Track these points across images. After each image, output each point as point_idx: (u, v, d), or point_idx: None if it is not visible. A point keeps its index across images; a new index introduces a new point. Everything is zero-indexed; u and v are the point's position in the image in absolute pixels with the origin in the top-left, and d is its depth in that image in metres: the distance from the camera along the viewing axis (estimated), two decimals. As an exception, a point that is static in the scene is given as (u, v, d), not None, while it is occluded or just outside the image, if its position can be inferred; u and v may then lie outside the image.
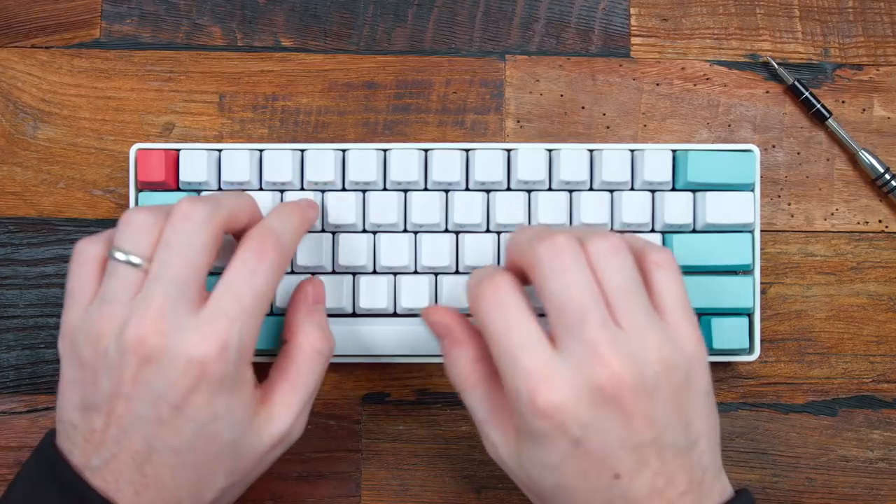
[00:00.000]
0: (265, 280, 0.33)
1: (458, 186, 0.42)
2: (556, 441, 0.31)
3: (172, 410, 0.32)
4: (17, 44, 0.45)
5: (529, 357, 0.31)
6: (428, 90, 0.45)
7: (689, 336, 0.33)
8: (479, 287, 0.33)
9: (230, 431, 0.33)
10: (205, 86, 0.45)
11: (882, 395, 0.45)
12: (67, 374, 0.34)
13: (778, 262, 0.45)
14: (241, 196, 0.36)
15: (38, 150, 0.44)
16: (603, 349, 0.31)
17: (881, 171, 0.44)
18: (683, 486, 0.31)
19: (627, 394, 0.30)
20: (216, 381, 0.32)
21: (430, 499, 0.44)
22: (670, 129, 0.45)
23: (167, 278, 0.32)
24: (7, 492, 0.34)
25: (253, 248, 0.33)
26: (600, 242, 0.33)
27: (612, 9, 0.46)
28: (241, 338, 0.32)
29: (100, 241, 0.34)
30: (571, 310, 0.31)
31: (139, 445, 0.32)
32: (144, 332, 0.31)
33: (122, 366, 0.31)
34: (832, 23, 0.46)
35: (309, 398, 0.36)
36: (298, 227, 0.36)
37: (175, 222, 0.33)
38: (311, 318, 0.37)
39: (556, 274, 0.32)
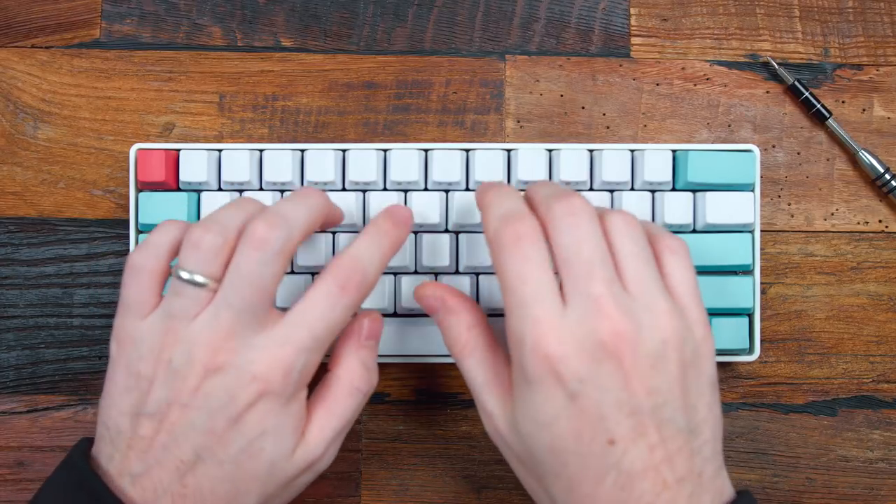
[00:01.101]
0: (341, 315, 0.34)
1: (458, 186, 0.42)
2: (552, 391, 0.31)
3: (228, 422, 0.32)
4: (17, 44, 0.45)
5: (541, 308, 0.31)
6: (428, 90, 0.45)
7: (699, 320, 0.33)
8: (502, 230, 0.33)
9: (273, 449, 0.33)
10: (205, 86, 0.45)
11: (882, 395, 0.45)
12: (119, 380, 0.34)
13: (778, 262, 0.45)
14: (312, 205, 0.35)
15: (38, 150, 0.44)
16: (606, 303, 0.31)
17: (881, 171, 0.44)
18: (682, 471, 0.31)
19: (627, 351, 0.31)
20: (274, 399, 0.33)
21: (430, 499, 0.44)
22: (670, 129, 0.45)
23: (239, 304, 0.32)
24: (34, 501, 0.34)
25: (338, 281, 0.34)
26: (616, 215, 0.33)
27: (612, 9, 0.46)
28: (306, 364, 0.33)
29: (154, 254, 0.35)
30: (579, 264, 0.31)
31: (187, 454, 0.32)
32: (216, 347, 0.32)
33: (186, 376, 0.32)
34: (832, 23, 0.46)
35: (342, 430, 0.36)
36: (387, 255, 0.36)
37: (249, 249, 0.33)
38: (358, 352, 0.37)
39: (569, 228, 0.32)
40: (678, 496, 0.30)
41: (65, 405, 0.44)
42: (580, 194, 0.33)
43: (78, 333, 0.44)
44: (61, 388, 0.44)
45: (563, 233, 0.32)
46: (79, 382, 0.44)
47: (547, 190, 0.34)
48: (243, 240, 0.33)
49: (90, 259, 0.44)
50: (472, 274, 0.42)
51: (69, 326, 0.44)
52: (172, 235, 0.35)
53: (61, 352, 0.44)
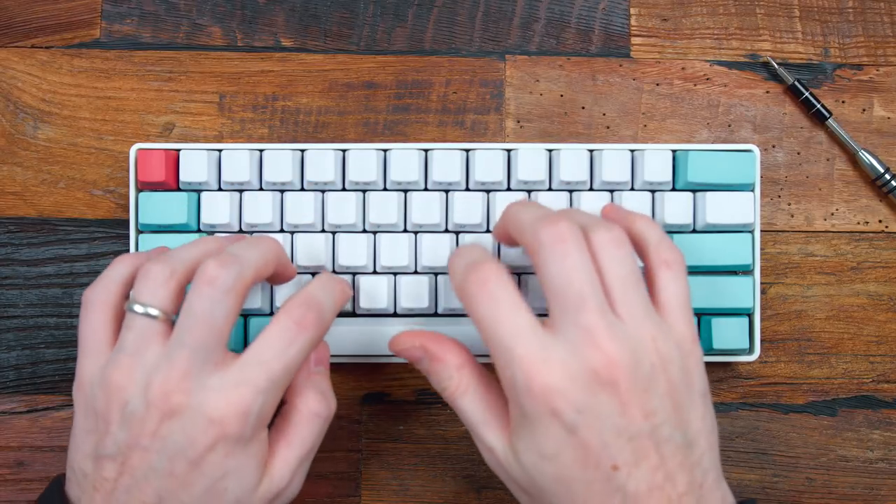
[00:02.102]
0: (298, 354, 0.33)
1: (458, 186, 0.42)
2: (551, 426, 0.31)
3: (188, 465, 0.32)
4: (17, 44, 0.45)
5: (523, 345, 0.31)
6: (428, 90, 0.45)
7: (684, 335, 0.33)
8: (466, 280, 0.33)
9: (236, 487, 0.33)
10: (205, 86, 0.45)
11: (882, 395, 0.45)
12: (80, 422, 0.34)
13: (778, 262, 0.45)
14: (265, 248, 0.35)
15: (38, 150, 0.44)
16: (599, 333, 0.31)
17: (881, 171, 0.44)
18: (683, 486, 0.31)
19: (623, 379, 0.31)
20: (233, 441, 0.32)
21: (430, 499, 0.44)
22: (670, 129, 0.45)
23: (192, 344, 0.32)
24: None
25: (293, 318, 0.33)
26: (603, 233, 0.33)
27: (612, 9, 0.46)
28: (263, 405, 0.33)
29: (107, 288, 0.35)
30: (570, 295, 0.31)
31: (150, 497, 0.32)
32: (169, 390, 0.32)
33: (143, 419, 0.32)
34: (832, 23, 0.46)
35: (306, 457, 0.36)
36: (339, 300, 0.36)
37: (199, 287, 0.33)
38: (310, 380, 0.37)
39: (557, 259, 0.32)
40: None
41: (65, 405, 0.44)
42: (566, 215, 0.33)
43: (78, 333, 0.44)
44: (61, 388, 0.44)
45: (551, 263, 0.32)
46: (79, 382, 0.44)
47: (530, 214, 0.34)
48: (195, 279, 0.33)
49: (90, 259, 0.44)
50: (472, 274, 0.42)
51: (69, 326, 0.44)
52: (125, 270, 0.35)
53: (61, 352, 0.44)
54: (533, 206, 0.35)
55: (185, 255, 0.34)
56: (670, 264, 0.34)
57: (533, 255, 0.33)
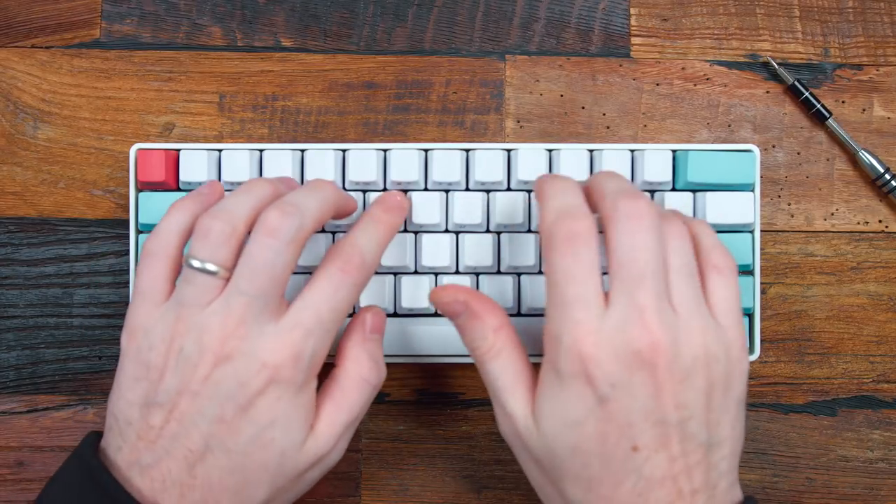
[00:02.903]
0: (345, 297, 0.34)
1: (458, 186, 0.42)
2: (583, 392, 0.31)
3: (237, 410, 0.32)
4: (17, 44, 0.45)
5: (583, 311, 0.31)
6: (428, 90, 0.45)
7: (736, 339, 0.33)
8: (557, 226, 0.33)
9: (283, 439, 0.33)
10: (205, 86, 0.45)
11: (882, 395, 0.45)
12: (130, 370, 0.34)
13: (778, 262, 0.45)
14: (324, 195, 0.36)
15: (38, 150, 0.44)
16: (649, 314, 0.31)
17: (881, 171, 0.44)
18: (698, 483, 0.31)
19: (662, 364, 0.31)
20: (283, 385, 0.33)
21: (430, 499, 0.44)
22: (670, 129, 0.45)
23: (251, 292, 0.33)
24: (43, 495, 0.34)
25: (338, 265, 0.34)
26: (676, 224, 0.34)
27: (612, 9, 0.46)
28: (315, 349, 0.33)
29: (167, 240, 0.35)
30: (633, 269, 0.32)
31: (196, 444, 0.32)
32: (226, 335, 0.32)
33: (196, 364, 0.32)
34: (832, 23, 0.46)
35: (352, 423, 0.36)
36: (384, 239, 0.37)
37: (261, 238, 0.33)
38: (364, 346, 0.37)
39: (630, 232, 0.32)
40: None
41: (65, 405, 0.44)
42: (647, 196, 0.33)
43: (78, 333, 0.44)
44: (61, 388, 0.44)
45: (624, 234, 0.32)
46: (79, 382, 0.44)
47: (614, 184, 0.34)
48: (256, 228, 0.33)
49: (90, 259, 0.44)
50: (472, 274, 0.42)
51: (69, 326, 0.44)
52: (183, 218, 0.36)
53: (61, 352, 0.44)
54: (621, 178, 0.35)
55: (242, 208, 0.34)
56: (721, 269, 0.34)
57: (606, 223, 0.33)
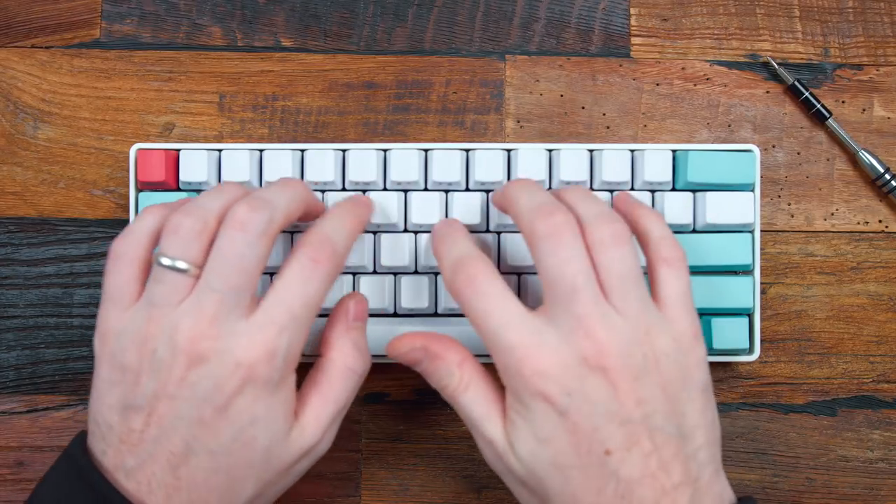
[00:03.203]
0: (317, 289, 0.33)
1: (458, 186, 0.42)
2: (544, 409, 0.31)
3: (215, 411, 0.32)
4: (17, 44, 0.45)
5: (513, 333, 0.32)
6: (428, 90, 0.45)
7: (686, 329, 0.33)
8: (455, 279, 0.34)
9: (265, 436, 0.33)
10: (205, 86, 0.45)
11: (882, 395, 0.45)
12: (105, 374, 0.34)
13: (778, 262, 0.45)
14: (295, 191, 0.36)
15: (38, 150, 0.44)
16: (591, 322, 0.31)
17: (881, 171, 0.44)
18: (678, 476, 0.31)
19: (612, 365, 0.31)
20: (261, 385, 0.32)
21: (430, 499, 0.44)
22: (670, 129, 0.45)
23: (221, 287, 0.32)
24: (34, 495, 0.34)
25: (308, 254, 0.33)
26: (604, 228, 0.33)
27: (612, 9, 0.46)
28: (290, 345, 0.33)
29: (136, 241, 0.35)
30: (563, 285, 0.32)
31: (177, 447, 0.32)
32: (197, 335, 0.32)
33: (171, 366, 0.32)
34: (832, 23, 0.46)
35: (339, 413, 0.36)
36: (353, 231, 0.36)
37: (231, 232, 0.32)
38: (348, 334, 0.37)
39: (552, 249, 0.32)
40: (677, 502, 0.31)
41: (65, 405, 0.44)
42: (563, 209, 0.33)
43: (78, 333, 0.44)
44: (61, 388, 0.44)
45: (547, 255, 0.32)
46: (79, 382, 0.44)
47: (526, 199, 0.34)
48: (225, 223, 0.33)
49: (90, 259, 0.44)
50: (472, 274, 0.42)
51: (69, 326, 0.44)
52: (154, 222, 0.35)
53: (61, 352, 0.44)
54: (534, 191, 0.35)
55: (212, 204, 0.34)
56: (670, 261, 0.34)
57: (528, 244, 0.33)
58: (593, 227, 0.33)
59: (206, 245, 0.33)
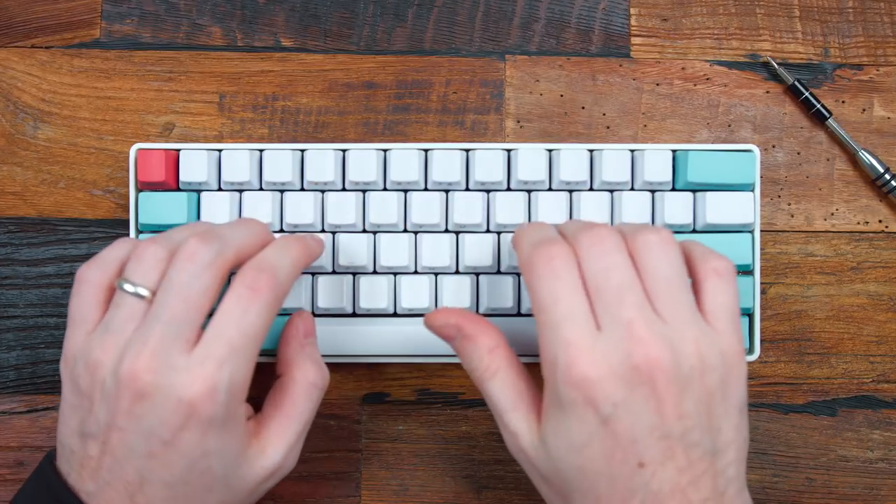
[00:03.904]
0: (257, 319, 0.33)
1: (458, 186, 0.42)
2: (585, 415, 0.31)
3: (163, 446, 0.32)
4: (17, 44, 0.45)
5: (572, 329, 0.31)
6: (428, 90, 0.45)
7: (731, 345, 0.33)
8: (534, 253, 0.33)
9: (221, 466, 0.33)
10: (205, 86, 0.45)
11: (882, 395, 0.45)
12: (67, 398, 0.34)
13: (778, 262, 0.45)
14: (250, 229, 0.36)
15: (38, 150, 0.44)
16: (638, 327, 0.31)
17: (881, 171, 0.44)
18: (707, 491, 0.31)
19: (661, 377, 0.31)
20: (206, 421, 0.32)
21: (430, 499, 0.44)
22: (670, 129, 0.45)
23: (165, 318, 0.32)
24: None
25: (245, 283, 0.33)
26: (650, 235, 0.33)
27: (612, 9, 0.46)
28: (232, 379, 0.32)
29: (101, 267, 0.35)
30: (609, 290, 0.32)
31: (132, 476, 0.32)
32: (137, 370, 0.31)
33: (117, 398, 0.32)
34: (832, 23, 0.46)
35: (302, 431, 0.36)
36: (298, 259, 0.36)
37: (179, 262, 0.33)
38: (304, 351, 0.37)
39: (597, 256, 0.32)
40: None
41: (65, 405, 0.44)
42: (606, 225, 0.34)
43: (78, 333, 0.44)
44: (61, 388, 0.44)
45: (592, 261, 0.32)
46: (79, 382, 0.44)
47: (574, 225, 0.34)
48: (176, 255, 0.33)
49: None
50: (471, 274, 0.42)
51: (69, 326, 0.44)
52: (123, 252, 0.35)
53: (61, 352, 0.44)
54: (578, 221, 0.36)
55: (178, 237, 0.34)
56: (720, 272, 0.33)
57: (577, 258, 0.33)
58: (640, 234, 0.33)
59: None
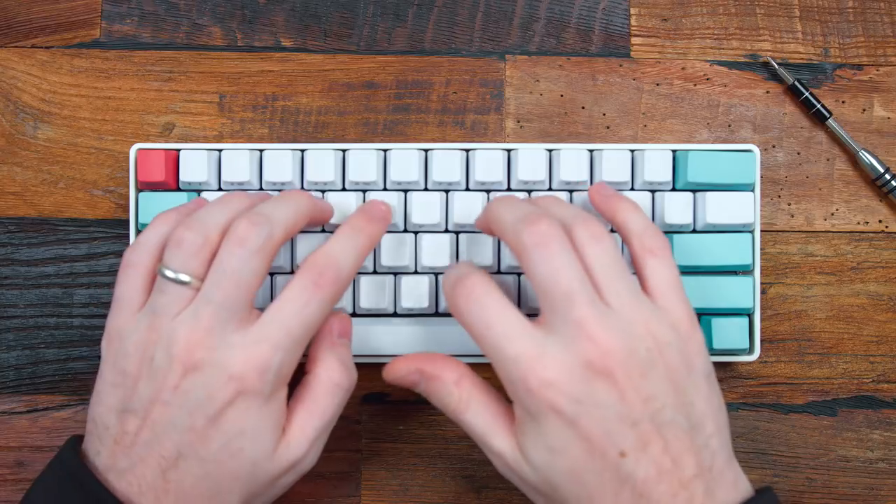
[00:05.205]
0: (315, 311, 0.34)
1: (458, 186, 0.42)
2: (554, 420, 0.31)
3: (206, 420, 0.33)
4: (17, 44, 0.45)
5: (515, 345, 0.32)
6: (428, 90, 0.45)
7: (681, 317, 0.33)
8: (454, 293, 0.34)
9: (253, 449, 0.34)
10: (205, 86, 0.45)
11: (882, 395, 0.45)
12: (108, 376, 0.35)
13: (778, 262, 0.45)
14: (297, 204, 0.36)
15: (38, 150, 0.44)
16: (590, 325, 0.31)
17: (881, 171, 0.44)
18: (693, 469, 0.31)
19: (618, 368, 0.31)
20: (251, 397, 0.33)
21: (430, 499, 0.44)
22: (670, 129, 0.45)
23: (219, 300, 0.33)
24: (27, 496, 0.34)
25: (310, 277, 0.34)
26: (582, 231, 0.33)
27: (612, 9, 0.46)
28: (282, 363, 0.33)
29: (146, 251, 0.36)
30: (558, 292, 0.32)
31: (168, 451, 0.33)
32: (193, 345, 0.33)
33: (166, 373, 0.33)
34: (832, 23, 0.46)
35: (325, 429, 0.36)
36: (363, 251, 0.36)
37: (231, 247, 0.33)
38: (333, 350, 0.37)
39: (543, 261, 0.32)
40: (694, 494, 0.31)
41: (65, 405, 0.44)
42: (545, 214, 0.33)
43: (78, 333, 0.44)
44: (61, 388, 0.44)
45: (537, 264, 0.32)
46: (79, 382, 0.44)
47: (512, 214, 0.34)
48: (226, 238, 0.34)
49: (90, 259, 0.44)
50: (472, 274, 0.42)
51: (69, 326, 0.44)
52: (164, 230, 0.36)
53: (61, 352, 0.44)
54: (514, 205, 0.35)
55: (216, 219, 0.35)
56: (655, 251, 0.34)
57: (518, 257, 0.34)
58: (573, 229, 0.34)
59: (208, 258, 0.34)
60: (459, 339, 0.41)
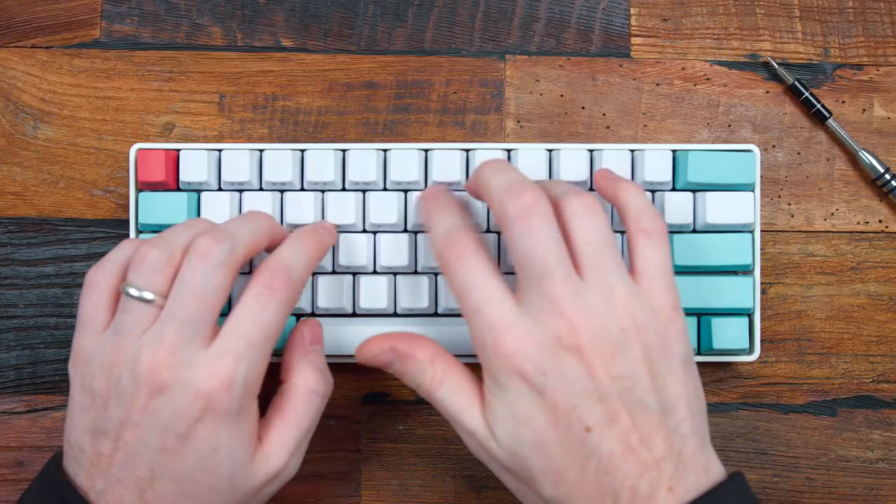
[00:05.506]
0: (273, 316, 0.34)
1: (459, 186, 0.42)
2: (521, 388, 0.32)
3: (177, 439, 0.32)
4: (17, 44, 0.45)
5: (492, 310, 0.32)
6: (428, 90, 0.45)
7: (664, 301, 0.33)
8: (444, 248, 0.34)
9: (229, 464, 0.33)
10: (205, 86, 0.45)
11: (882, 395, 0.45)
12: (78, 399, 0.34)
13: (778, 262, 0.45)
14: (259, 223, 0.36)
15: (38, 150, 0.44)
16: (562, 302, 0.32)
17: (881, 171, 0.44)
18: (661, 451, 0.31)
19: (587, 344, 0.31)
20: (221, 414, 0.33)
21: (430, 499, 0.44)
22: (670, 129, 0.45)
23: (183, 316, 0.33)
24: None
25: (263, 283, 0.34)
26: (574, 200, 0.33)
27: (612, 9, 0.46)
28: (248, 373, 0.33)
29: (109, 271, 0.35)
30: (534, 267, 0.32)
31: (143, 472, 0.33)
32: (157, 365, 0.32)
33: (133, 395, 0.33)
34: (832, 23, 0.46)
35: (304, 437, 0.36)
36: (312, 256, 0.37)
37: (192, 262, 0.33)
38: (307, 358, 0.37)
39: (524, 233, 0.32)
40: (660, 476, 0.31)
41: (65, 405, 0.44)
42: (532, 185, 0.33)
43: (78, 333, 0.44)
44: (61, 388, 0.44)
45: (518, 237, 0.33)
46: (79, 382, 0.44)
47: (497, 180, 0.34)
48: (189, 254, 0.34)
49: (90, 259, 0.44)
50: (472, 274, 0.42)
51: (69, 326, 0.44)
52: (128, 253, 0.36)
53: (61, 352, 0.44)
54: (504, 172, 0.35)
55: (180, 238, 0.35)
56: (650, 232, 0.34)
57: (501, 225, 0.34)
58: (564, 201, 0.34)
59: (171, 275, 0.34)
60: (457, 340, 0.41)
